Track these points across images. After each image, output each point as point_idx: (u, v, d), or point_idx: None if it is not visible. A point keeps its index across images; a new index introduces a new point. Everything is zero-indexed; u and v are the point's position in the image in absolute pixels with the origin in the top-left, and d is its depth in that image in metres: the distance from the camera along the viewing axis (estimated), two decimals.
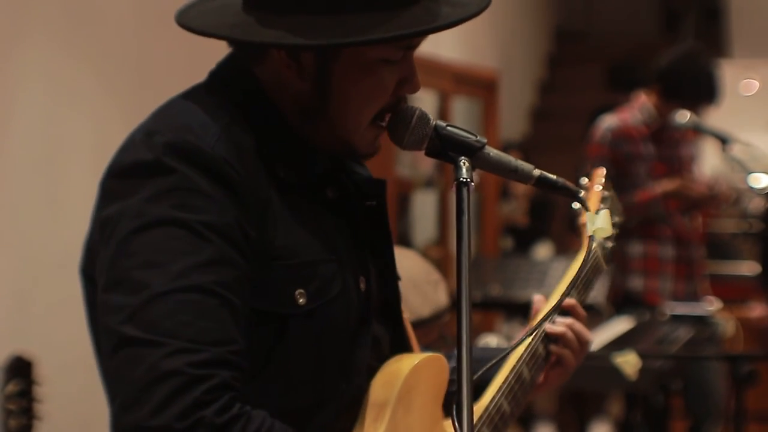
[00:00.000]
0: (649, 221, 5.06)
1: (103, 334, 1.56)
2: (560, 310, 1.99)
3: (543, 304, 2.06)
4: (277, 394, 1.65)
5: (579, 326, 1.99)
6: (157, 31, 4.29)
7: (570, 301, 2.01)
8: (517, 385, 1.92)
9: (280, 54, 1.67)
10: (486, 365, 1.66)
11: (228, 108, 1.67)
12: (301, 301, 1.64)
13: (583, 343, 1.99)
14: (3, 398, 2.88)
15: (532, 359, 1.95)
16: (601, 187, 2.17)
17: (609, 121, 5.13)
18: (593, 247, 2.08)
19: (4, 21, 3.80)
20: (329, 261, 1.69)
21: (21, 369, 2.92)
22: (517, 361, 1.93)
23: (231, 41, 1.70)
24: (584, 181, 2.19)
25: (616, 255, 5.11)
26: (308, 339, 1.66)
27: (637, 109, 5.13)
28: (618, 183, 5.02)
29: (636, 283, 5.08)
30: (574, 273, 2.02)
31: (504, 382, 1.91)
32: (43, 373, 2.99)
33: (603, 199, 2.16)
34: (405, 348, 1.85)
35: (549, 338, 1.98)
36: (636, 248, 5.09)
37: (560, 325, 1.98)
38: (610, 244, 2.17)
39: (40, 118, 3.95)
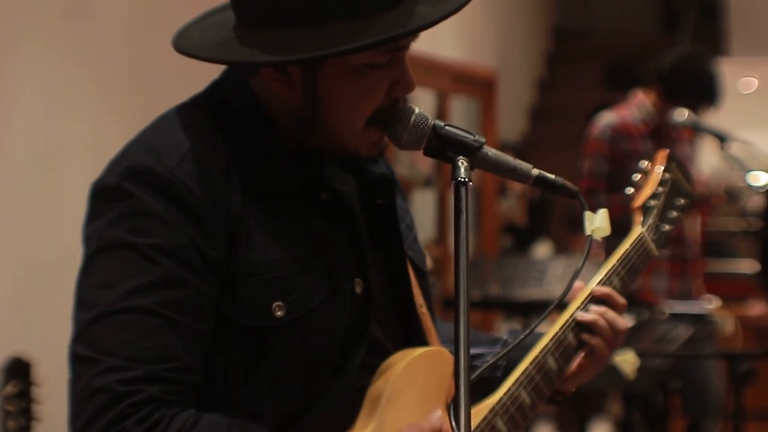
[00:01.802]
0: None
1: None
2: (594, 299, 1.94)
3: (580, 291, 1.98)
4: (266, 399, 1.68)
5: (612, 314, 1.93)
6: (154, 35, 4.29)
7: (604, 289, 1.95)
8: (539, 376, 1.87)
9: (268, 68, 1.70)
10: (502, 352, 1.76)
11: (206, 125, 1.71)
12: (279, 313, 1.67)
13: (617, 331, 1.93)
14: (2, 399, 2.88)
15: (558, 349, 1.90)
16: (662, 169, 2.13)
17: (608, 118, 5.13)
18: (640, 233, 2.05)
19: (1, 25, 3.80)
20: (312, 269, 1.70)
21: (20, 370, 2.92)
22: (540, 351, 1.88)
23: (211, 62, 1.73)
24: (644, 163, 2.16)
25: (611, 253, 5.11)
26: (293, 348, 1.68)
27: (635, 107, 5.13)
28: (615, 180, 5.03)
29: None
30: (613, 263, 2.00)
31: (523, 373, 1.86)
32: (42, 375, 2.99)
33: (662, 182, 2.12)
34: (420, 344, 1.83)
35: (582, 327, 1.92)
36: None
37: (592, 313, 1.93)
38: (667, 227, 2.11)
39: (37, 122, 3.96)
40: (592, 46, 10.95)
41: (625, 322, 1.95)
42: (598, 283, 1.96)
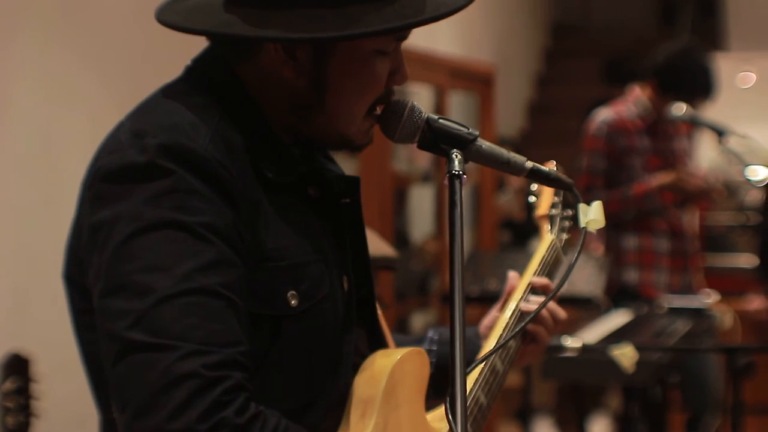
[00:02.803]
0: (644, 214, 5.06)
1: (106, 341, 1.53)
2: (533, 290, 2.06)
3: (517, 280, 2.10)
4: (271, 396, 1.64)
5: (552, 304, 2.03)
6: (154, 25, 4.26)
7: (542, 280, 2.06)
8: (492, 377, 1.95)
9: (276, 51, 1.66)
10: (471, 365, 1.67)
11: (215, 107, 1.66)
12: (293, 302, 1.64)
13: (557, 320, 2.05)
14: (0, 396, 2.88)
15: (503, 352, 1.99)
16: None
17: (604, 114, 5.13)
18: (552, 240, 2.17)
19: (0, 16, 3.80)
20: (317, 261, 1.69)
21: (18, 366, 2.92)
22: (492, 355, 1.97)
23: (228, 38, 1.68)
24: (534, 187, 2.23)
25: (611, 248, 5.13)
26: (300, 340, 1.66)
27: (632, 102, 5.13)
28: (613, 176, 5.04)
29: (631, 276, 5.08)
30: (538, 262, 2.10)
31: (480, 376, 1.93)
32: (41, 371, 2.99)
33: (557, 192, 2.21)
34: (382, 344, 1.86)
35: (523, 317, 2.03)
36: (631, 241, 5.10)
37: (533, 304, 2.03)
38: (565, 236, 2.23)
39: (35, 115, 3.95)
40: (590, 42, 10.95)
41: (563, 311, 2.05)
42: (534, 275, 2.07)
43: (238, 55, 1.70)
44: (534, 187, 2.19)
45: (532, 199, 1.96)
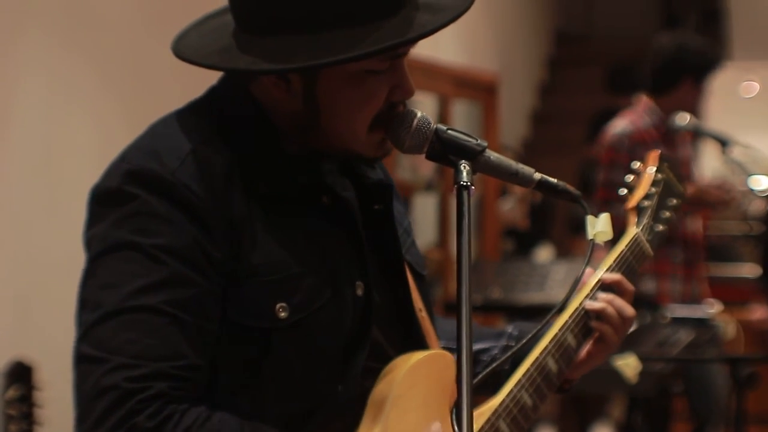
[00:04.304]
0: None
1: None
2: (603, 286, 1.96)
3: (591, 276, 2.00)
4: (271, 402, 1.68)
5: (620, 302, 1.95)
6: (157, 26, 4.28)
7: (614, 276, 1.97)
8: (540, 377, 1.88)
9: (268, 75, 1.71)
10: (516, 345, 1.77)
11: (206, 129, 1.72)
12: (282, 314, 1.67)
13: (625, 318, 1.95)
14: (3, 403, 2.88)
15: (558, 350, 1.92)
16: (654, 170, 2.14)
17: (621, 126, 5.02)
18: (635, 233, 2.06)
19: (4, 16, 3.80)
20: (316, 271, 1.71)
21: (21, 374, 2.92)
22: (541, 353, 1.90)
23: (213, 69, 1.74)
24: (636, 164, 2.16)
25: None
26: (296, 350, 1.69)
27: (644, 112, 5.07)
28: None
29: (648, 285, 5.05)
30: (614, 257, 2.01)
31: (524, 375, 1.87)
32: (44, 378, 2.99)
33: (655, 183, 2.12)
34: (420, 347, 1.84)
35: (589, 315, 1.94)
36: None
37: (600, 300, 1.94)
38: (660, 228, 2.12)
39: (39, 115, 3.95)
40: (594, 51, 10.95)
41: (632, 309, 1.96)
42: (606, 271, 1.97)
43: (243, 78, 1.76)
44: (629, 178, 2.12)
45: (623, 191, 1.89)
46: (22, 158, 3.89)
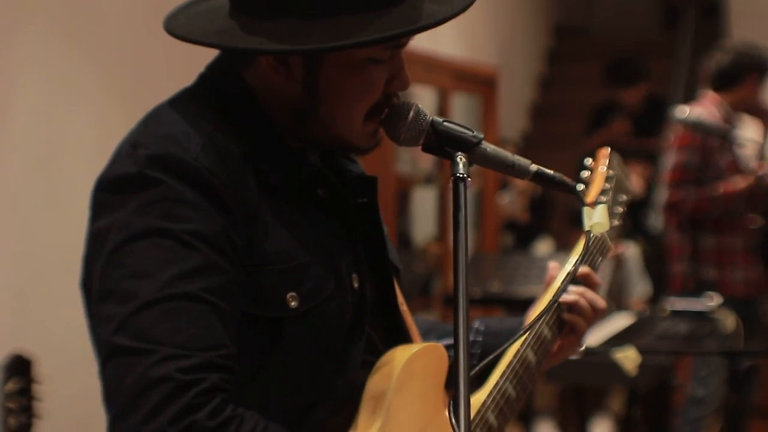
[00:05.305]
0: (724, 214, 5.11)
1: (96, 345, 1.60)
2: (573, 279, 1.99)
3: (557, 270, 2.05)
4: (276, 395, 1.67)
5: (591, 294, 1.99)
6: (157, 24, 4.25)
7: (584, 269, 2.00)
8: (522, 369, 1.92)
9: (268, 59, 1.69)
10: (496, 351, 1.73)
11: (213, 115, 1.69)
12: (293, 304, 1.66)
13: (596, 310, 1.99)
14: (3, 396, 2.88)
15: (536, 342, 1.95)
16: (605, 168, 2.15)
17: (697, 112, 5.17)
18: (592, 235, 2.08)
19: (3, 13, 3.80)
20: (321, 262, 1.70)
21: (21, 367, 2.92)
22: (522, 345, 1.93)
23: (216, 48, 1.72)
24: (588, 161, 2.18)
25: (686, 245, 5.18)
26: (304, 340, 1.68)
27: (714, 105, 5.19)
28: (702, 173, 5.10)
29: (710, 273, 5.14)
30: (579, 251, 2.01)
31: (508, 367, 1.90)
32: (43, 372, 2.99)
33: (608, 179, 2.14)
34: (404, 341, 1.85)
35: (561, 307, 1.98)
36: (710, 240, 5.15)
37: (572, 293, 1.98)
38: (616, 222, 2.15)
39: (39, 112, 3.95)
40: (593, 44, 10.94)
41: (603, 301, 2.00)
42: (573, 266, 1.99)
43: (241, 62, 1.73)
44: (585, 174, 2.14)
45: (580, 186, 1.91)
46: (22, 154, 3.89)
